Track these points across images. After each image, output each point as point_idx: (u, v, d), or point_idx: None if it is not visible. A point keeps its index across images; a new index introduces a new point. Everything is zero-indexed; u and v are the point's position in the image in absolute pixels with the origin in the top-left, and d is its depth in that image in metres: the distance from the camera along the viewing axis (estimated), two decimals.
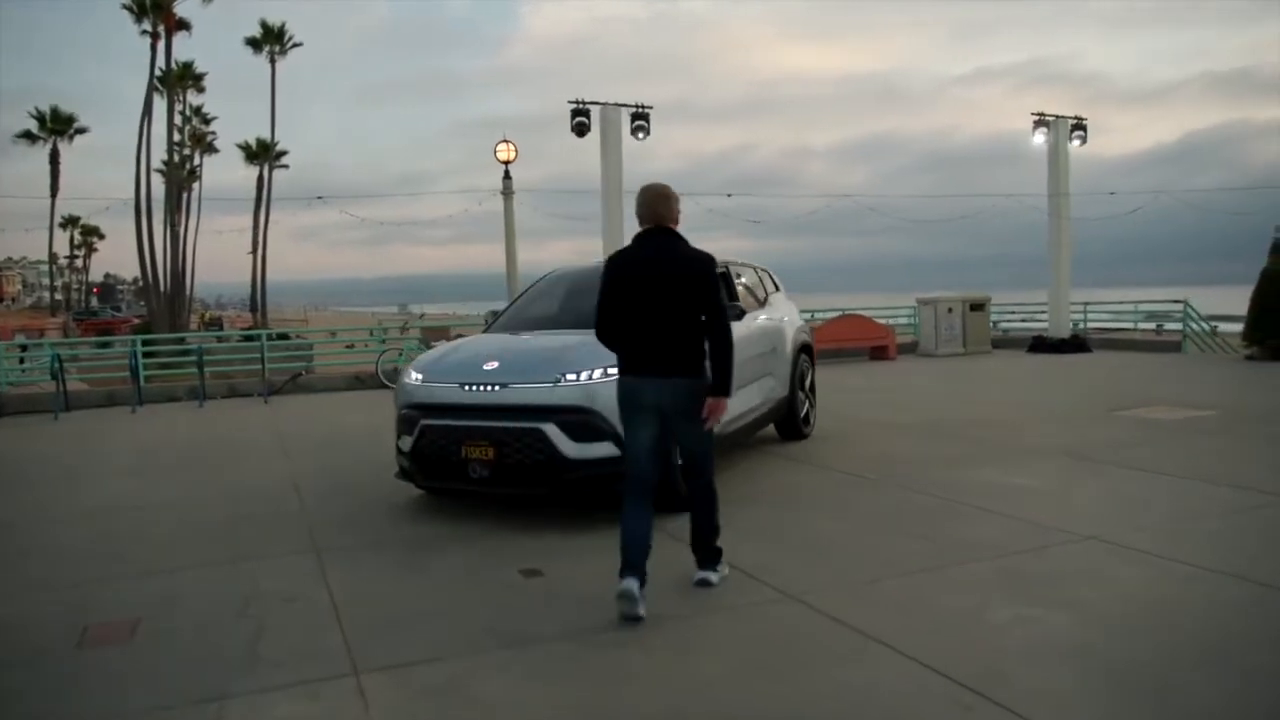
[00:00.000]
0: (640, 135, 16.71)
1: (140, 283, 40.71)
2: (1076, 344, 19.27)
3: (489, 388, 5.79)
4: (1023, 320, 23.64)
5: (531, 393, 5.70)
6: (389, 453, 8.55)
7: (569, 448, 5.56)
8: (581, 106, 16.48)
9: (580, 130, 16.41)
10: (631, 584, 4.10)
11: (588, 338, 6.25)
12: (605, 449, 5.58)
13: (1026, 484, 6.71)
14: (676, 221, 4.49)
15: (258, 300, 49.39)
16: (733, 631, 4.06)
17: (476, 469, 5.74)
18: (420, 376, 6.21)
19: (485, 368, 5.93)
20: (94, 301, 79.96)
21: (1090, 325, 22.57)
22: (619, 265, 4.45)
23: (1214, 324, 20.50)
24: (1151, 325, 23.22)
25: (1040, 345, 19.49)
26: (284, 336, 22.98)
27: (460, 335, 19.06)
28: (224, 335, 25.48)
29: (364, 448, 9.44)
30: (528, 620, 4.23)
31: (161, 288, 32.45)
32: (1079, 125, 19.52)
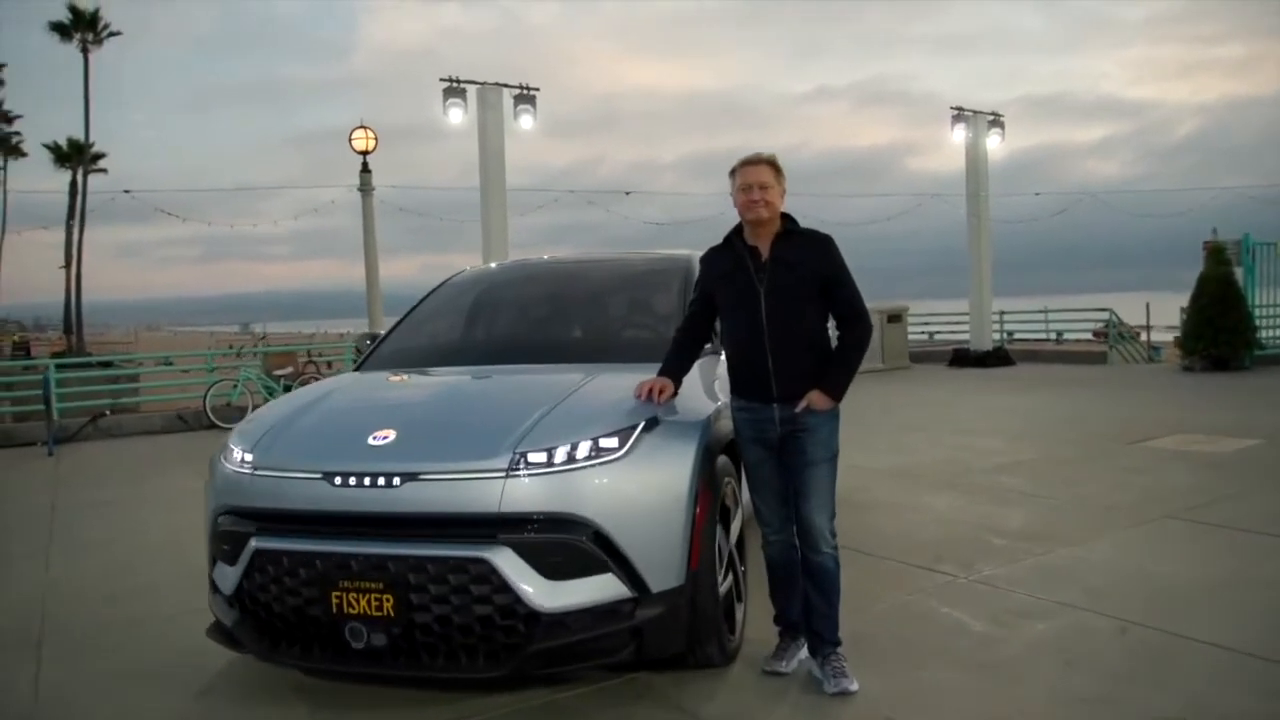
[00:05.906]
0: (527, 121, 14.17)
1: None
2: (1001, 357, 17.85)
3: (382, 480, 3.11)
4: (934, 333, 22.29)
5: (465, 490, 3.05)
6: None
7: (539, 591, 2.97)
8: (455, 85, 13.77)
9: (453, 113, 13.75)
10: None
11: (557, 378, 3.71)
12: (603, 587, 3.05)
13: (1180, 574, 4.56)
14: None
15: (73, 320, 43.48)
16: None
17: (361, 633, 3.08)
18: (249, 457, 3.41)
19: (372, 441, 3.23)
20: None
21: (1004, 336, 21.38)
22: None
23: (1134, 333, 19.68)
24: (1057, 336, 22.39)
25: (963, 359, 17.97)
26: (91, 364, 19.04)
27: (312, 362, 15.84)
28: None
29: (177, 530, 6.52)
30: None
31: None
32: (996, 122, 18.17)
